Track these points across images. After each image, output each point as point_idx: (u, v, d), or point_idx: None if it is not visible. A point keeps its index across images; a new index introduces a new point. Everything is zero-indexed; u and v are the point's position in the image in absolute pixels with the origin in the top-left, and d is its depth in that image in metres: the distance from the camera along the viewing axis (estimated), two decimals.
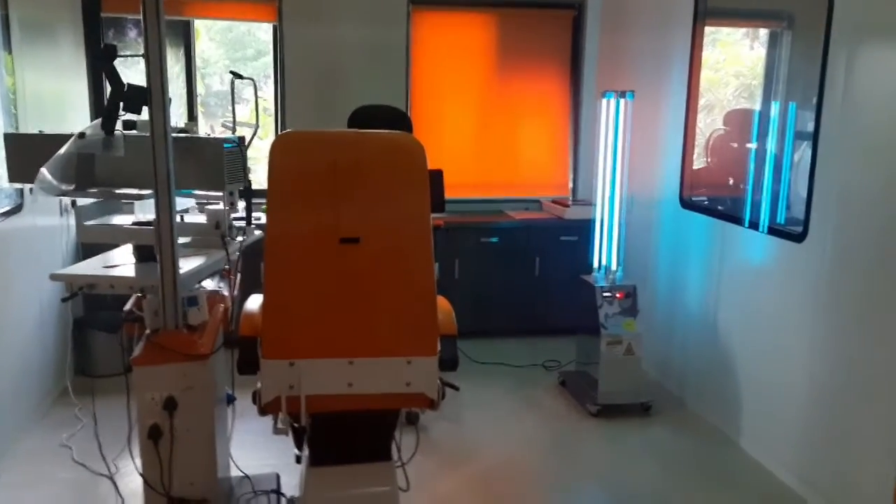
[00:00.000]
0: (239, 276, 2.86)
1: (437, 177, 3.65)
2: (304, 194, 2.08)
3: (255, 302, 2.28)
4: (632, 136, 4.08)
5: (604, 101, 4.10)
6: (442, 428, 3.84)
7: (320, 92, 5.11)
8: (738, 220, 3.70)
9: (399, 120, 3.83)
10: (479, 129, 5.57)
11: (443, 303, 2.30)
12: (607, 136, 4.10)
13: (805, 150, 3.35)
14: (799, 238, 3.21)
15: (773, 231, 3.44)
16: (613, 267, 4.18)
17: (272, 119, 5.28)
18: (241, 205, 2.89)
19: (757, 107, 4.09)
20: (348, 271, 2.11)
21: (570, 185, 5.70)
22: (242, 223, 2.90)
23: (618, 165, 4.08)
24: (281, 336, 2.13)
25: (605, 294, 4.01)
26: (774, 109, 3.54)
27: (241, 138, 2.82)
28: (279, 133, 2.78)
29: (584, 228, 4.59)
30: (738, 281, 3.71)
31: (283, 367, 2.13)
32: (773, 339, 3.42)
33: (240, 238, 2.86)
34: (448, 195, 3.88)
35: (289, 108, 5.11)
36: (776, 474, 3.39)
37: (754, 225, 3.57)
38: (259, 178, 5.54)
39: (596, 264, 4.23)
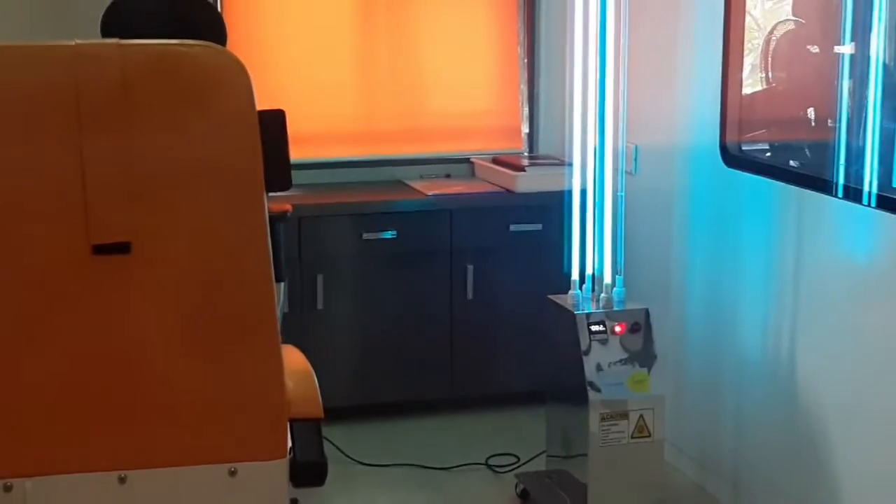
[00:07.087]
0: None
1: (274, 125, 3.60)
2: (16, 164, 2.07)
3: None
4: (630, 42, 4.12)
5: None
6: None
7: None
8: (824, 185, 3.79)
9: (199, 21, 3.80)
10: (357, 36, 5.58)
11: (294, 358, 2.34)
12: (586, 45, 4.14)
13: None
14: None
15: (886, 202, 3.53)
16: (608, 278, 4.23)
17: None
18: None
19: None
20: (111, 309, 2.12)
21: (525, 130, 5.77)
22: None
23: (608, 95, 4.12)
24: None
25: (596, 328, 4.06)
26: None
27: None
28: None
29: (553, 209, 4.64)
30: (828, 295, 3.80)
31: None
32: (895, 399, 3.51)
33: None
34: (298, 156, 3.84)
35: None
36: None
37: (853, 193, 3.66)
38: None
39: (576, 274, 4.27)
